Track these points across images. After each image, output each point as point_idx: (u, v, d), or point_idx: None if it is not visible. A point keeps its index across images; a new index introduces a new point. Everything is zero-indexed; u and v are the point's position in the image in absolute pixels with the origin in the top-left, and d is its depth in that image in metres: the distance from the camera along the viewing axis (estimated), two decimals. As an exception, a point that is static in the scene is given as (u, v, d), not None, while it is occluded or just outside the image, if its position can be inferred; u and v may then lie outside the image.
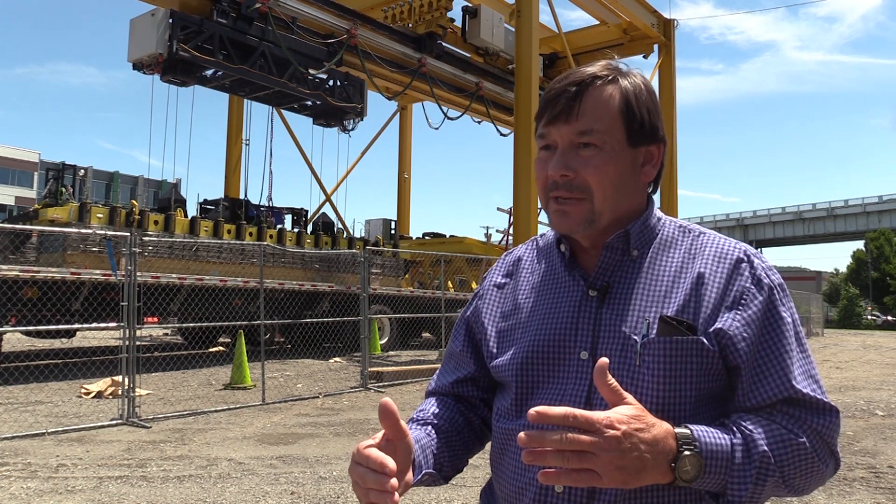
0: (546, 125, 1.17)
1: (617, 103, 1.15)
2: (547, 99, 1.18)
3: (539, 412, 0.93)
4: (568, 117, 1.14)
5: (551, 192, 1.17)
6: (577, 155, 1.14)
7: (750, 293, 1.11)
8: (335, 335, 14.33)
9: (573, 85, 1.15)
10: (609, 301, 1.16)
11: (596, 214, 1.15)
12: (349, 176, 22.34)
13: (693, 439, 0.99)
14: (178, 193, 15.19)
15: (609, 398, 0.97)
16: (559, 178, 1.15)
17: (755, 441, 1.02)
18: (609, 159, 1.13)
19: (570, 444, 0.92)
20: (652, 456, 0.95)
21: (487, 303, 1.32)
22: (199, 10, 13.60)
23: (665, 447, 0.97)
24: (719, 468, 1.00)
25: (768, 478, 1.02)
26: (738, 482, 1.01)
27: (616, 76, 1.17)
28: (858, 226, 67.78)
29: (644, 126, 1.17)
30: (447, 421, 1.26)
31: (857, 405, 8.97)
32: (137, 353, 7.73)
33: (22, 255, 12.48)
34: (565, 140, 1.15)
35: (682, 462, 0.97)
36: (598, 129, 1.13)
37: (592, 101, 1.14)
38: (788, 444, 1.04)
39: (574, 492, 1.08)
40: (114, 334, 14.78)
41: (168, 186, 22.66)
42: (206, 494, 4.79)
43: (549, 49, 21.03)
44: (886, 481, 5.24)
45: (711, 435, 1.01)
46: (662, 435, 0.97)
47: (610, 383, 0.96)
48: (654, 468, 0.96)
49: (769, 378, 1.08)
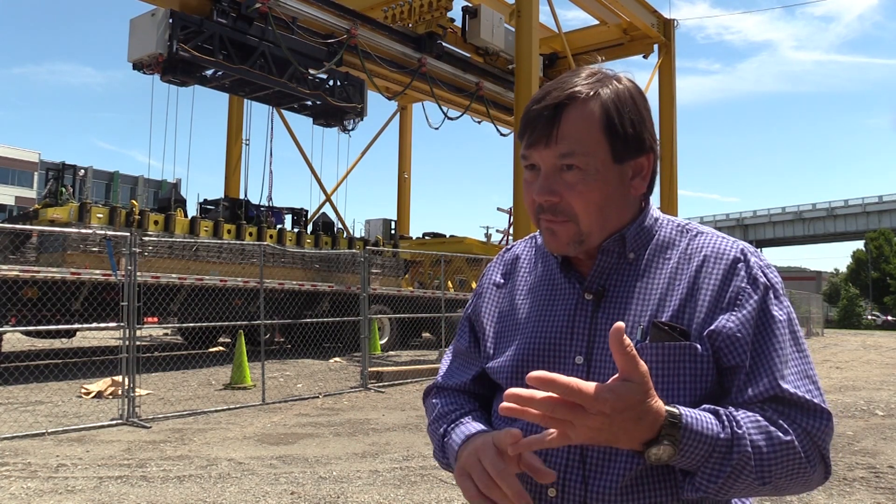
0: (527, 148, 1.14)
1: (598, 121, 1.11)
2: (526, 120, 1.14)
3: (540, 378, 0.91)
4: (548, 141, 1.11)
5: (539, 214, 1.16)
6: (560, 178, 1.11)
7: (745, 293, 1.10)
8: (335, 335, 14.33)
9: (550, 107, 1.11)
10: (605, 305, 1.15)
11: (584, 235, 1.14)
12: (349, 176, 22.39)
13: (678, 433, 0.97)
14: (178, 193, 15.20)
15: (621, 365, 0.93)
16: (544, 203, 1.13)
17: (741, 439, 1.00)
18: (593, 181, 1.11)
19: (556, 413, 0.92)
20: (628, 436, 0.95)
21: (486, 302, 1.32)
22: (199, 10, 13.60)
23: (646, 431, 0.96)
24: (695, 455, 0.99)
25: (742, 476, 1.00)
26: (710, 474, 1.00)
27: (597, 89, 1.12)
28: (858, 226, 67.75)
29: (629, 140, 1.12)
30: (487, 422, 1.28)
31: (857, 405, 8.97)
32: (137, 353, 7.72)
33: (22, 255, 12.48)
34: (547, 164, 1.12)
35: (657, 449, 0.97)
36: (580, 152, 1.10)
37: (571, 122, 1.10)
38: (776, 443, 1.02)
39: (569, 493, 1.09)
40: (114, 334, 14.78)
41: (168, 186, 22.65)
42: (206, 494, 4.79)
43: (549, 49, 21.03)
44: (886, 481, 5.24)
45: (700, 423, 0.99)
46: (650, 421, 0.95)
47: (627, 350, 0.92)
48: (626, 443, 0.97)
49: (759, 377, 1.07)
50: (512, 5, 18.51)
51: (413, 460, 5.83)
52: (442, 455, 1.24)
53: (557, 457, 1.11)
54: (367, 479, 5.24)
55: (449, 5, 17.68)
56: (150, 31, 12.94)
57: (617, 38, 21.63)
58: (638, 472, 1.06)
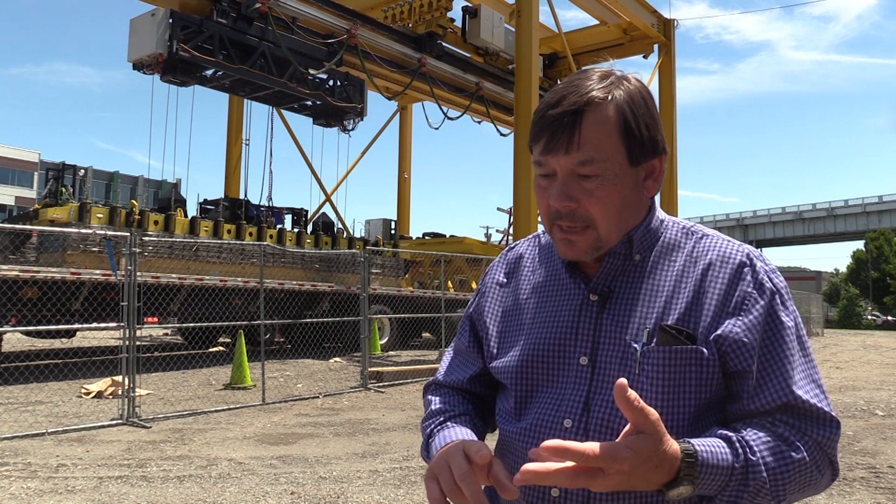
0: (543, 154, 1.12)
1: (616, 126, 1.10)
2: (542, 125, 1.12)
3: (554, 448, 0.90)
4: (567, 148, 1.09)
5: (555, 220, 1.13)
6: (578, 184, 1.10)
7: (752, 298, 1.10)
8: (335, 335, 14.33)
9: (568, 114, 1.09)
10: (610, 307, 1.15)
11: (603, 241, 1.13)
12: (349, 176, 22.39)
13: (695, 471, 0.97)
14: (178, 193, 15.21)
15: (632, 418, 0.93)
16: (562, 208, 1.11)
17: (755, 466, 1.01)
18: (612, 186, 1.10)
19: (577, 484, 0.92)
20: (647, 483, 0.96)
21: (489, 301, 1.32)
22: (199, 10, 13.61)
23: (664, 475, 0.96)
24: (713, 487, 1.00)
25: (758, 498, 1.02)
26: (728, 500, 1.01)
27: (612, 92, 1.11)
28: (858, 226, 67.77)
29: (644, 143, 1.12)
30: (482, 420, 1.29)
31: (857, 405, 8.97)
32: (137, 353, 7.72)
33: (22, 255, 12.48)
34: (565, 170, 1.10)
35: (676, 490, 0.97)
36: (599, 158, 1.09)
37: (590, 128, 1.09)
38: (789, 463, 1.03)
39: (572, 492, 1.08)
40: (114, 334, 14.79)
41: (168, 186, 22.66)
42: (206, 494, 4.79)
43: (549, 49, 21.04)
44: (886, 481, 5.24)
45: (716, 456, 0.99)
46: (667, 467, 0.95)
47: (634, 404, 0.91)
48: (645, 487, 0.97)
49: (770, 383, 1.07)
50: (512, 5, 18.52)
51: (413, 460, 5.83)
52: (426, 454, 1.24)
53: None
54: (367, 479, 5.24)
55: (449, 5, 17.68)
56: (150, 31, 12.95)
57: (617, 38, 21.63)
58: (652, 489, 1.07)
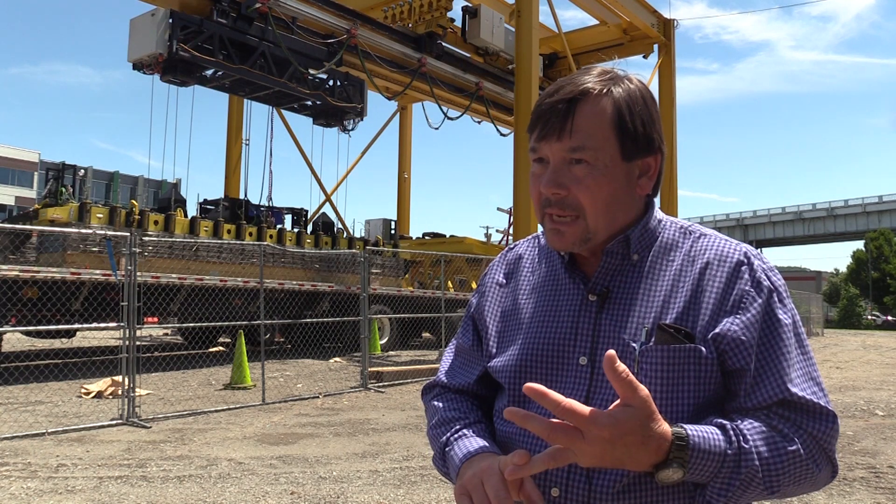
0: (538, 140, 1.15)
1: (609, 117, 1.12)
2: (538, 113, 1.15)
3: (537, 391, 0.93)
4: (560, 134, 1.11)
5: (545, 208, 1.15)
6: (569, 171, 1.12)
7: (749, 296, 1.10)
8: (335, 335, 14.33)
9: (563, 101, 1.12)
10: (609, 306, 1.15)
11: (591, 233, 1.14)
12: (349, 176, 22.38)
13: (686, 454, 0.98)
14: (178, 193, 15.21)
15: (620, 391, 0.94)
16: (551, 196, 1.13)
17: (748, 453, 1.01)
18: (602, 176, 1.11)
19: (553, 438, 0.94)
20: (634, 460, 0.96)
21: (489, 300, 1.32)
22: (198, 10, 13.61)
23: (653, 454, 0.97)
24: (704, 473, 1.00)
25: (751, 487, 1.02)
26: (720, 488, 1.02)
27: (609, 87, 1.13)
28: (858, 226, 67.75)
29: (638, 139, 1.14)
30: (492, 425, 1.28)
31: (857, 405, 8.97)
32: (137, 353, 7.72)
33: (22, 255, 12.48)
34: (557, 157, 1.13)
35: (665, 472, 0.98)
36: (590, 146, 1.11)
37: (584, 116, 1.11)
38: (783, 454, 1.03)
39: (572, 492, 1.09)
40: (114, 334, 14.79)
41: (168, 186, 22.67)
42: (206, 494, 4.79)
43: (549, 49, 21.03)
44: (886, 481, 5.24)
45: (708, 442, 1.00)
46: (656, 445, 0.96)
47: (622, 376, 0.92)
48: (634, 466, 0.98)
49: (766, 380, 1.07)
50: (512, 5, 18.51)
51: (413, 460, 5.83)
52: (442, 464, 1.24)
53: None
54: (367, 479, 5.24)
55: (449, 5, 17.68)
56: (150, 31, 12.95)
57: (617, 38, 21.63)
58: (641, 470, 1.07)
